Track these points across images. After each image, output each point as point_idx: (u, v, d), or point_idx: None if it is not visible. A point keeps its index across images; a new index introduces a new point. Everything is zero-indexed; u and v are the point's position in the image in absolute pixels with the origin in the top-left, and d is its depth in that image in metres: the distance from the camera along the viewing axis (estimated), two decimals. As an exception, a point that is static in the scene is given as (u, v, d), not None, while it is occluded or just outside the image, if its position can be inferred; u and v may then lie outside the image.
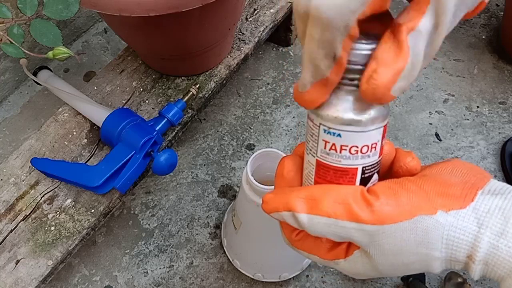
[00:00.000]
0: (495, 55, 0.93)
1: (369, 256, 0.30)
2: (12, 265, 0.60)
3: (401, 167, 0.32)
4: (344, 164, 0.29)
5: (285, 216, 0.30)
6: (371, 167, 0.30)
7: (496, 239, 0.27)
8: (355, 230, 0.28)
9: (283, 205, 0.30)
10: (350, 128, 0.28)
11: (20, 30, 0.50)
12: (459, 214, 0.27)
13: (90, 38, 0.98)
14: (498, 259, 0.27)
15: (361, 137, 0.28)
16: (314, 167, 0.30)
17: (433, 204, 0.28)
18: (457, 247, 0.28)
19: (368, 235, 0.28)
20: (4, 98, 0.89)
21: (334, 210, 0.28)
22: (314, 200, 0.29)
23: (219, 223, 0.75)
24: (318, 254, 0.32)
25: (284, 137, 0.84)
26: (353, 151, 0.29)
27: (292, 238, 0.33)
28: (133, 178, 0.63)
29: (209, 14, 0.62)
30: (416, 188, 0.29)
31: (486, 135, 0.83)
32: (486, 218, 0.27)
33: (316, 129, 0.29)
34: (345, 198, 0.28)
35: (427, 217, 0.28)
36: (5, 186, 0.66)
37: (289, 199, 0.30)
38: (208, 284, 0.70)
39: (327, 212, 0.28)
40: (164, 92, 0.75)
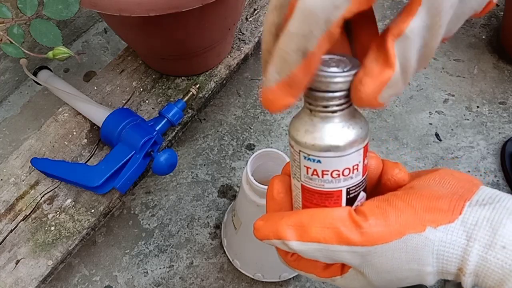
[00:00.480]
0: (495, 55, 0.93)
1: (363, 274, 0.30)
2: (12, 265, 0.60)
3: (389, 180, 0.32)
4: (327, 188, 0.30)
5: (276, 243, 0.31)
6: (355, 187, 0.30)
7: (484, 251, 0.27)
8: (347, 253, 0.28)
9: (273, 233, 0.30)
10: (329, 154, 0.28)
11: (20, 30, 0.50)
12: (447, 229, 0.28)
13: (90, 38, 0.98)
14: (487, 270, 0.27)
15: (341, 161, 0.28)
16: (300, 191, 0.31)
17: (422, 220, 0.28)
18: (447, 261, 0.28)
19: (359, 256, 0.29)
20: (4, 98, 0.89)
21: (323, 235, 0.28)
22: (302, 227, 0.29)
23: (219, 223, 0.75)
24: (315, 273, 0.33)
25: (284, 137, 0.84)
26: (335, 175, 0.29)
27: (287, 259, 0.33)
28: (133, 178, 0.63)
29: (209, 14, 0.62)
30: (404, 205, 0.29)
31: (486, 135, 0.83)
32: (474, 230, 0.27)
33: (297, 156, 0.29)
34: (333, 222, 0.28)
35: (416, 235, 0.28)
36: (5, 186, 0.66)
37: (278, 227, 0.30)
38: (208, 284, 0.70)
39: (316, 237, 0.29)
40: (164, 92, 0.75)
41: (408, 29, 0.24)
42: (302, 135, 0.28)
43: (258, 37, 0.80)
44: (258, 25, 0.81)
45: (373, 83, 0.25)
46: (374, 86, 0.25)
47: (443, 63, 0.92)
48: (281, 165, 0.32)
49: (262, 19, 0.81)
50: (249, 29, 0.80)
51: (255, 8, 0.83)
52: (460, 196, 0.29)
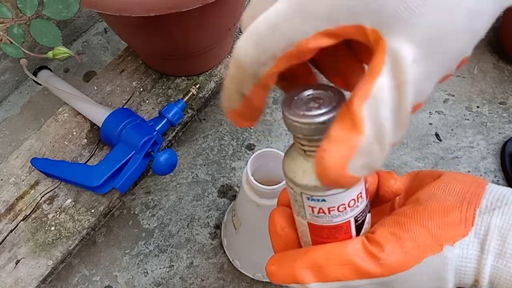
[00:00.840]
0: (495, 55, 0.93)
1: None
2: (12, 265, 0.60)
3: (387, 192, 0.32)
4: (336, 222, 0.29)
5: (296, 287, 0.30)
6: (362, 212, 0.30)
7: (496, 261, 0.27)
8: (368, 286, 0.28)
9: (290, 278, 0.30)
10: (332, 192, 0.27)
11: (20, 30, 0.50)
12: (463, 244, 0.28)
13: (90, 38, 0.98)
14: (500, 279, 0.27)
15: (345, 195, 0.28)
16: (307, 228, 0.30)
17: (438, 240, 0.28)
18: (464, 274, 0.28)
19: (381, 285, 0.28)
20: (4, 98, 0.89)
21: (342, 273, 0.28)
22: (319, 267, 0.29)
23: (219, 223, 0.75)
24: None
25: (284, 137, 0.84)
26: (341, 208, 0.28)
27: None
28: (133, 178, 0.63)
29: (209, 14, 0.62)
30: (417, 227, 0.28)
31: (486, 135, 0.83)
32: (486, 241, 0.27)
33: (298, 197, 0.29)
34: (350, 258, 0.28)
35: (435, 256, 0.28)
36: (5, 186, 0.66)
37: (294, 271, 0.29)
38: (208, 284, 0.70)
39: (336, 277, 0.28)
40: (164, 92, 0.75)
41: (374, 89, 0.22)
42: (300, 177, 0.27)
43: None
44: (258, 25, 0.81)
45: (338, 150, 0.22)
46: (340, 154, 0.22)
47: (443, 63, 0.92)
48: (281, 165, 0.32)
49: (262, 19, 0.81)
50: (249, 29, 0.80)
51: (255, 8, 0.83)
52: (469, 203, 0.29)
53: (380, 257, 0.28)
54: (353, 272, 0.28)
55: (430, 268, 0.28)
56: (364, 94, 0.22)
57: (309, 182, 0.27)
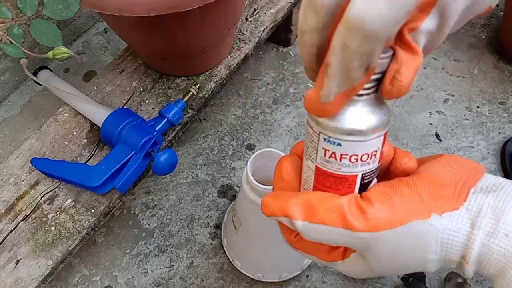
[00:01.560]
0: (495, 55, 0.93)
1: (366, 259, 0.30)
2: (12, 265, 0.60)
3: (398, 168, 0.32)
4: (343, 172, 0.29)
5: (282, 221, 0.31)
6: (370, 173, 0.30)
7: (487, 239, 0.27)
8: (350, 238, 0.29)
9: (281, 211, 0.30)
10: (351, 138, 0.28)
11: (20, 30, 0.50)
12: (452, 216, 0.28)
13: (90, 38, 0.98)
14: (490, 258, 0.27)
15: (361, 146, 0.28)
16: (313, 173, 0.31)
17: (427, 207, 0.28)
18: (451, 248, 0.28)
19: (363, 242, 0.29)
20: (4, 98, 0.89)
21: (330, 218, 0.29)
22: (310, 207, 0.29)
23: (219, 223, 0.75)
24: (317, 255, 0.33)
25: (284, 137, 0.84)
26: (353, 159, 0.29)
27: (291, 239, 0.34)
28: (133, 178, 0.63)
29: (209, 14, 0.62)
30: (409, 191, 0.29)
31: (486, 135, 0.83)
32: (478, 218, 0.27)
33: (315, 137, 0.29)
34: (340, 206, 0.29)
35: (421, 221, 0.28)
36: (5, 186, 0.66)
37: (286, 205, 0.30)
38: (208, 284, 0.70)
39: (322, 219, 0.29)
40: (164, 92, 0.75)
41: (423, 25, 0.25)
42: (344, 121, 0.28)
43: (258, 37, 0.80)
44: (258, 25, 0.81)
45: (410, 71, 0.26)
46: (411, 74, 0.26)
47: (443, 63, 0.92)
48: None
49: (262, 19, 0.81)
50: (249, 29, 0.80)
51: (255, 8, 0.83)
52: (465, 182, 0.29)
53: (367, 211, 0.28)
54: (339, 220, 0.28)
55: (414, 232, 0.28)
56: (413, 27, 0.26)
57: (332, 122, 0.28)
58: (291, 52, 0.95)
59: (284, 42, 0.95)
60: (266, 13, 0.82)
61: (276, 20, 0.82)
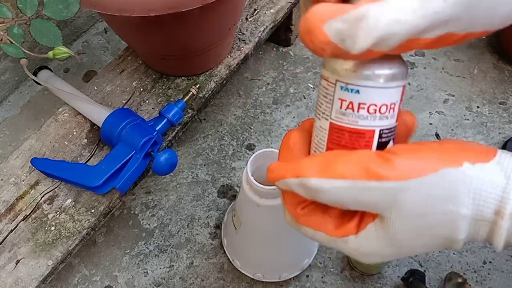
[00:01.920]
0: (495, 56, 0.93)
1: (387, 225, 0.27)
2: (12, 265, 0.60)
3: (399, 124, 0.30)
4: (361, 125, 0.27)
5: (292, 184, 0.27)
6: (388, 131, 0.28)
7: None
8: (376, 190, 0.25)
9: (291, 171, 0.27)
10: (369, 83, 0.26)
11: (20, 30, 0.50)
12: (485, 167, 0.26)
13: (90, 38, 0.98)
14: None
15: (380, 94, 0.26)
16: (327, 132, 0.28)
17: (458, 157, 0.26)
18: (484, 201, 0.26)
19: (391, 194, 0.26)
20: (4, 98, 0.89)
21: (351, 171, 0.25)
22: (326, 162, 0.26)
23: (219, 223, 0.75)
24: (325, 231, 0.29)
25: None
26: (372, 110, 0.27)
27: (296, 212, 0.29)
28: (133, 178, 0.63)
29: (209, 14, 0.62)
30: (436, 145, 0.27)
31: (486, 135, 0.83)
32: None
33: (331, 88, 0.27)
34: (361, 157, 0.26)
35: (453, 169, 0.25)
36: (5, 186, 0.66)
37: (299, 164, 0.27)
38: (208, 284, 0.70)
39: (342, 173, 0.25)
40: (164, 92, 0.75)
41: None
42: (342, 62, 0.26)
43: (258, 37, 0.80)
44: (258, 25, 0.81)
45: (328, 6, 0.24)
46: (327, 9, 0.24)
47: (443, 63, 0.92)
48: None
49: (262, 19, 0.82)
50: (249, 29, 0.80)
51: (255, 8, 0.83)
52: (488, 147, 0.27)
53: (393, 160, 0.25)
54: (362, 172, 0.25)
55: (447, 181, 0.25)
56: None
57: (349, 66, 0.26)
58: (291, 52, 0.95)
59: (284, 42, 0.95)
60: (266, 13, 0.82)
61: (276, 20, 0.82)
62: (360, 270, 0.69)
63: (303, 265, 0.68)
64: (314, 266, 0.70)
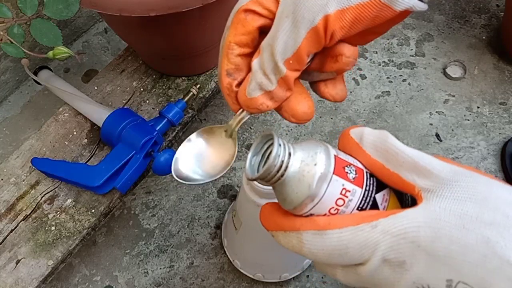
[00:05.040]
0: (496, 56, 0.93)
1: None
2: (12, 265, 0.60)
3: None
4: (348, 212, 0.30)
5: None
6: (363, 200, 0.29)
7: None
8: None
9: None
10: (311, 204, 0.29)
11: (21, 30, 0.50)
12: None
13: (91, 38, 0.98)
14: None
15: (325, 201, 0.29)
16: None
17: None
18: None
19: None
20: (4, 98, 0.89)
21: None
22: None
23: (220, 223, 0.75)
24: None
25: (284, 137, 0.84)
26: (333, 211, 0.29)
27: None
28: (134, 178, 0.63)
29: (210, 14, 0.62)
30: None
31: (486, 136, 0.83)
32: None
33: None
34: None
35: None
36: (6, 186, 0.66)
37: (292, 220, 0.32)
38: (209, 284, 0.70)
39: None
40: (165, 92, 0.75)
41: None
42: (289, 203, 0.30)
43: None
44: (259, 25, 0.81)
45: (244, 84, 0.33)
46: (243, 85, 0.33)
47: (443, 63, 0.92)
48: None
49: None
50: (250, 29, 0.80)
51: (256, 8, 0.83)
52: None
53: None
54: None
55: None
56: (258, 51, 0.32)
57: (294, 202, 0.30)
58: (292, 52, 0.95)
59: (284, 42, 0.95)
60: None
61: (276, 20, 0.82)
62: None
63: (304, 265, 0.68)
64: (314, 267, 0.70)
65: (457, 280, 0.25)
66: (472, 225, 0.25)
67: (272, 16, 0.30)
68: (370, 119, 0.85)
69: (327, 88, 0.34)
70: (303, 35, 0.28)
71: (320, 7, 0.28)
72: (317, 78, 0.34)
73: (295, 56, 0.29)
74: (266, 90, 0.31)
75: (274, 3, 0.30)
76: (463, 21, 0.97)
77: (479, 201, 0.25)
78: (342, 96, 0.34)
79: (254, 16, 0.31)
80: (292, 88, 0.32)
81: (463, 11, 0.98)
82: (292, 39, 0.29)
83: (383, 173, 0.29)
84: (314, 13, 0.28)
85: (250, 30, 0.31)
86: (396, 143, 0.29)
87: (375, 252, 0.27)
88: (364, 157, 0.30)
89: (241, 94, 0.32)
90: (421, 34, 0.95)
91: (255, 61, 0.31)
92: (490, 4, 0.99)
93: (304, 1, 0.28)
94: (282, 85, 0.31)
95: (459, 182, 0.26)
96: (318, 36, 0.29)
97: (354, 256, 0.27)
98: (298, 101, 0.33)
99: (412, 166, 0.28)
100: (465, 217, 0.25)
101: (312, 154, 0.29)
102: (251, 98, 0.31)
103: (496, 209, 0.25)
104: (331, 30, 0.28)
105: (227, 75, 0.32)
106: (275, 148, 0.29)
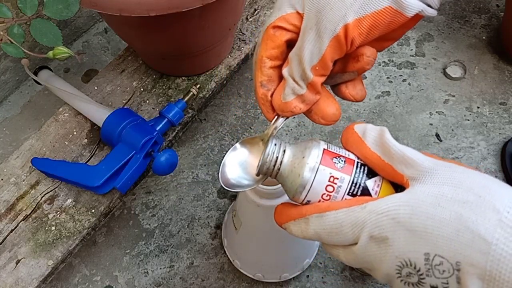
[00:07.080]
0: (496, 56, 0.93)
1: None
2: (12, 265, 0.60)
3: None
4: (339, 196, 0.34)
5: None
6: (353, 186, 0.33)
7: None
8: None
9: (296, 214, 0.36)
10: (306, 189, 0.34)
11: (21, 30, 0.50)
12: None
13: (91, 38, 0.98)
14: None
15: (317, 187, 0.33)
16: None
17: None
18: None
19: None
20: (4, 98, 0.89)
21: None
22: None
23: (220, 223, 0.75)
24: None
25: (284, 137, 0.84)
26: (326, 197, 0.34)
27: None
28: (134, 178, 0.63)
29: (210, 14, 0.62)
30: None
31: (486, 136, 0.83)
32: None
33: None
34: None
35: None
36: (6, 186, 0.66)
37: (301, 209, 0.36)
38: (209, 284, 0.70)
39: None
40: (165, 92, 0.75)
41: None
42: (288, 192, 0.36)
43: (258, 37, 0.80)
44: (259, 25, 0.81)
45: (278, 92, 0.38)
46: (278, 92, 0.38)
47: (443, 63, 0.92)
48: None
49: (262, 19, 0.82)
50: (250, 29, 0.80)
51: (256, 8, 0.83)
52: None
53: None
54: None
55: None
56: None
57: (292, 190, 0.35)
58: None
59: (284, 42, 0.95)
60: (267, 13, 0.82)
61: (276, 20, 0.82)
62: (361, 271, 0.69)
63: (304, 265, 0.68)
64: (315, 266, 0.70)
65: (434, 253, 0.28)
66: (446, 203, 0.28)
67: (297, 30, 0.35)
68: (370, 119, 0.85)
69: (347, 89, 0.38)
70: (327, 44, 0.33)
71: (340, 17, 0.32)
72: (339, 80, 0.38)
73: (320, 62, 0.33)
74: (298, 94, 0.35)
75: (298, 18, 0.34)
76: (463, 21, 0.97)
77: (455, 185, 0.29)
78: (362, 96, 0.38)
79: (282, 31, 0.35)
80: (320, 91, 0.35)
81: (463, 11, 0.98)
82: (317, 48, 0.33)
83: (379, 163, 0.33)
84: (335, 23, 0.32)
85: (279, 44, 0.35)
86: (390, 138, 0.33)
87: (363, 229, 0.31)
88: (365, 149, 0.34)
89: (276, 99, 0.36)
90: (421, 34, 0.95)
91: (285, 70, 0.35)
92: (490, 4, 0.99)
93: (325, 13, 0.32)
94: (311, 89, 0.35)
95: (438, 171, 0.30)
96: (340, 43, 0.33)
97: (348, 234, 0.31)
98: (327, 104, 0.37)
99: (401, 158, 0.32)
100: (441, 197, 0.29)
101: (302, 149, 0.34)
102: (286, 102, 0.35)
103: (469, 190, 0.29)
104: (351, 37, 0.32)
105: (261, 86, 0.37)
106: (268, 147, 0.35)
